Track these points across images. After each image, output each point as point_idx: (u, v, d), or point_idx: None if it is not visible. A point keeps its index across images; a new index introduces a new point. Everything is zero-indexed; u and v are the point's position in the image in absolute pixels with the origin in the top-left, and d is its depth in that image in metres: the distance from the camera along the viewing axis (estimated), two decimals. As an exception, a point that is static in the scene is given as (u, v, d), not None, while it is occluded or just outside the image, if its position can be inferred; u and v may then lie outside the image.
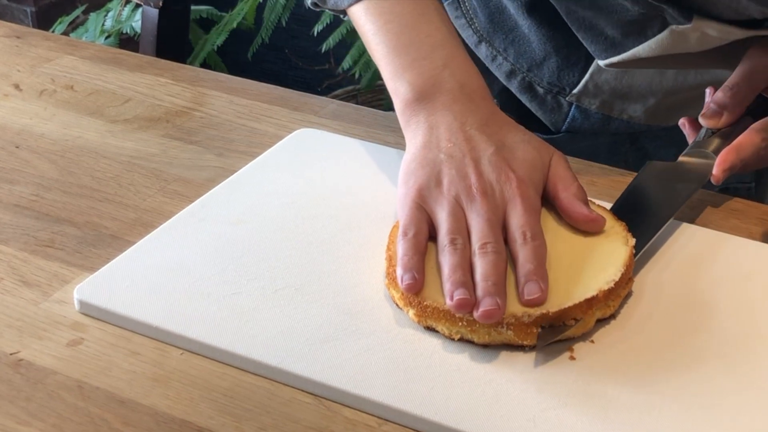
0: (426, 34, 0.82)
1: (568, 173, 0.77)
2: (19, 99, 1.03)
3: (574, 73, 1.00)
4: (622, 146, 1.05)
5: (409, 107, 0.80)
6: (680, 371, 0.67)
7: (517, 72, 1.02)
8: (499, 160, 0.76)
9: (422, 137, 0.78)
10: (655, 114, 1.01)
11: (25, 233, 0.81)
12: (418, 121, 0.79)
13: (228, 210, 0.82)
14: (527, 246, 0.71)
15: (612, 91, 1.00)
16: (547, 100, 1.02)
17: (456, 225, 0.72)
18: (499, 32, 1.02)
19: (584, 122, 1.03)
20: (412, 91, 0.80)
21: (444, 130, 0.78)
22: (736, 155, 0.82)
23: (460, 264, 0.70)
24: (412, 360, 0.67)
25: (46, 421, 0.64)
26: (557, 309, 0.67)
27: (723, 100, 0.85)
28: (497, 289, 0.68)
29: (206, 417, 0.64)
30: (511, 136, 0.78)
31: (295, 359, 0.67)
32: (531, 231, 0.72)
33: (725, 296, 0.74)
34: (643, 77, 0.98)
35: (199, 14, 2.42)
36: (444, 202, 0.74)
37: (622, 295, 0.71)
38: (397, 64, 0.82)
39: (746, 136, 0.83)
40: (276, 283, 0.74)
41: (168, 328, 0.70)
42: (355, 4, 0.86)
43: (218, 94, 1.04)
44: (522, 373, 0.66)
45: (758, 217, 0.85)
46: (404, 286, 0.70)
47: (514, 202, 0.74)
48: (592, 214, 0.75)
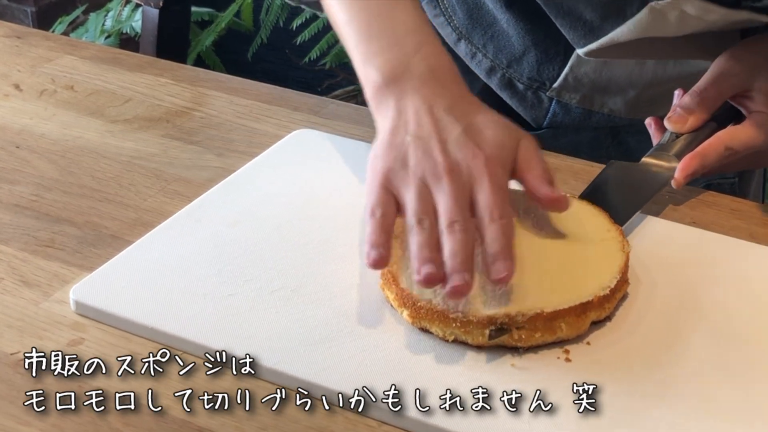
0: (398, 21, 0.82)
1: (535, 154, 0.77)
2: (19, 99, 1.03)
3: (553, 66, 1.00)
4: (604, 141, 1.05)
5: (379, 92, 0.79)
6: (675, 373, 0.67)
7: (497, 68, 1.02)
8: (467, 139, 0.75)
9: (391, 121, 0.77)
10: (635, 107, 1.02)
11: (25, 233, 0.82)
12: (388, 105, 0.78)
13: (225, 211, 0.82)
14: (494, 225, 0.71)
15: (592, 84, 1.00)
16: (528, 96, 1.03)
17: (423, 205, 0.72)
18: (478, 28, 1.02)
19: (565, 117, 1.03)
20: (381, 76, 0.79)
21: (412, 114, 0.77)
22: (700, 162, 0.83)
23: (427, 242, 0.70)
24: (407, 361, 0.68)
25: (46, 421, 0.64)
26: (552, 310, 0.68)
27: (690, 105, 0.86)
28: (465, 266, 0.68)
29: (206, 417, 0.65)
30: (480, 117, 0.77)
31: (291, 360, 0.67)
32: (498, 210, 0.71)
33: (720, 298, 0.74)
34: (622, 69, 0.99)
35: (201, 17, 2.42)
36: (410, 183, 0.73)
37: (617, 298, 0.72)
38: (367, 51, 0.81)
39: (711, 145, 0.84)
40: (272, 284, 0.74)
41: (164, 329, 0.70)
42: None
43: (218, 94, 1.04)
44: (517, 374, 0.67)
45: (760, 218, 0.85)
46: (370, 262, 0.69)
47: (481, 180, 0.73)
48: (556, 194, 0.74)
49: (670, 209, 0.86)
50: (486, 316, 0.67)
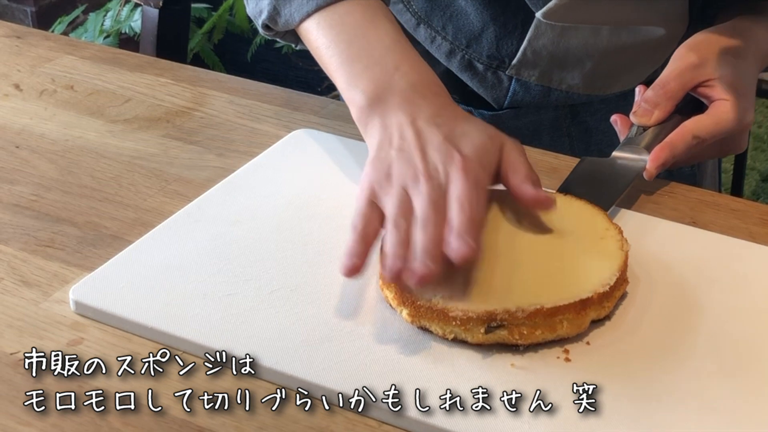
0: (375, 40, 0.84)
1: (519, 157, 0.78)
2: (19, 99, 1.03)
3: (512, 41, 1.01)
4: (564, 121, 1.07)
5: (365, 113, 0.81)
6: (675, 373, 0.67)
7: (457, 50, 1.03)
8: (447, 145, 0.77)
9: (377, 139, 0.79)
10: (592, 81, 1.03)
11: (25, 233, 0.82)
12: (374, 125, 0.80)
13: (224, 210, 0.83)
14: (456, 204, 0.71)
15: (550, 57, 1.01)
16: (488, 76, 1.04)
17: (400, 209, 0.73)
18: (436, 10, 1.03)
19: (525, 96, 1.04)
20: (365, 98, 0.81)
21: (396, 129, 0.79)
22: (669, 152, 0.84)
23: (400, 242, 0.71)
24: (407, 361, 0.68)
25: (46, 421, 0.64)
26: (551, 305, 0.68)
27: (653, 99, 0.88)
28: (432, 258, 0.69)
29: (206, 417, 0.65)
30: (463, 125, 0.79)
31: (291, 360, 0.67)
32: (467, 199, 0.72)
33: (720, 298, 0.74)
34: (578, 40, 1.00)
35: (198, 13, 2.42)
36: (392, 192, 0.75)
37: (617, 297, 0.72)
38: (349, 73, 0.83)
39: (679, 135, 0.85)
40: (272, 284, 0.74)
41: (164, 329, 0.70)
42: (306, 20, 0.86)
43: (218, 94, 1.04)
44: (517, 373, 0.67)
45: (759, 218, 0.85)
46: (343, 269, 0.70)
47: (457, 178, 0.74)
48: (540, 195, 0.75)
49: (669, 209, 0.86)
50: (486, 312, 0.67)
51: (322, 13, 0.85)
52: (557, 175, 0.87)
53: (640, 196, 0.88)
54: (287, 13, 0.87)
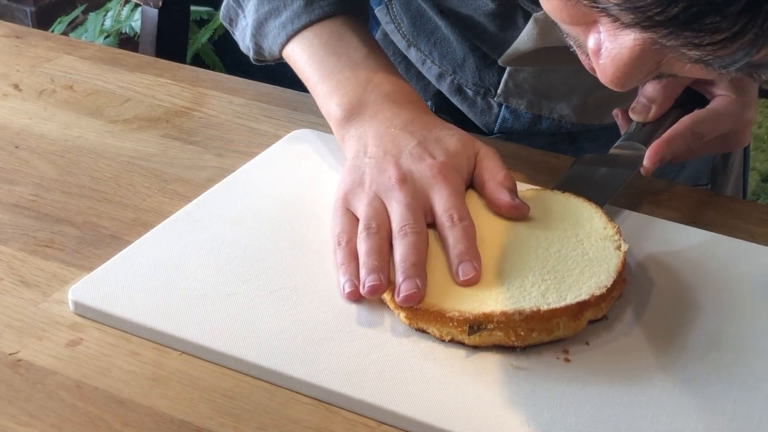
0: (345, 56, 0.86)
1: (495, 163, 0.78)
2: (18, 99, 1.03)
3: (492, 72, 1.01)
4: (561, 146, 1.06)
5: (342, 126, 0.83)
6: (674, 371, 0.67)
7: (445, 74, 1.04)
8: (421, 150, 0.77)
9: (353, 149, 0.81)
10: (584, 112, 1.02)
11: (24, 233, 0.82)
12: (350, 136, 0.82)
13: (224, 211, 0.83)
14: (456, 228, 0.72)
15: (534, 90, 1.01)
16: (477, 101, 1.04)
17: (372, 212, 0.74)
18: (422, 35, 1.04)
19: (515, 123, 1.04)
20: (342, 111, 0.83)
21: (371, 137, 0.80)
22: (667, 147, 0.84)
23: (373, 249, 0.71)
24: (406, 362, 0.68)
25: (46, 421, 0.64)
26: (548, 308, 0.68)
27: (652, 94, 0.87)
28: (416, 270, 0.69)
29: (205, 417, 0.65)
30: (437, 131, 0.80)
31: (290, 361, 0.67)
32: (458, 213, 0.73)
33: (719, 298, 0.74)
34: (559, 76, 1.00)
35: (199, 15, 2.42)
36: (365, 198, 0.76)
37: (614, 298, 0.72)
38: (325, 89, 0.85)
39: (677, 130, 0.85)
40: (271, 284, 0.74)
41: (163, 329, 0.70)
42: (287, 45, 0.89)
43: (218, 94, 1.04)
44: (515, 374, 0.67)
45: (759, 218, 0.85)
46: (345, 294, 0.71)
47: (437, 186, 0.75)
48: (515, 202, 0.76)
49: (669, 209, 0.86)
50: (483, 315, 0.67)
51: (295, 40, 0.88)
52: (557, 175, 0.87)
53: (639, 196, 0.88)
54: (267, 47, 0.91)
